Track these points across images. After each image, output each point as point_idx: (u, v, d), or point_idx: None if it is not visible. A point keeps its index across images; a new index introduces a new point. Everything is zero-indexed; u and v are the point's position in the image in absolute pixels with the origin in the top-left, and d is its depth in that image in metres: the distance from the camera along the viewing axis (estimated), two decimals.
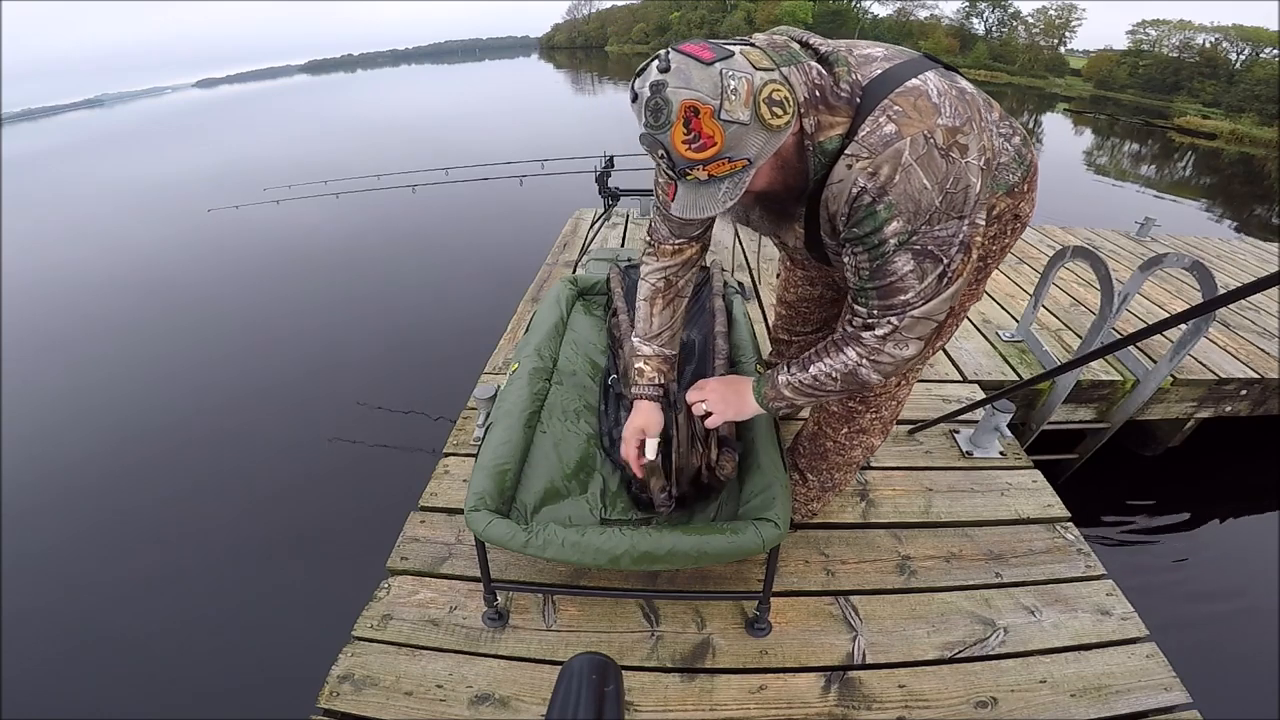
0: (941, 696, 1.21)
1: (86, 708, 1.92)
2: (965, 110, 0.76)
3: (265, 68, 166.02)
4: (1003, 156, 0.91)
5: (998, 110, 0.92)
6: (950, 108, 0.75)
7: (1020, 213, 1.00)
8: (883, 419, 1.33)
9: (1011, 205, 0.97)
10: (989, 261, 1.06)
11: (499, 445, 1.28)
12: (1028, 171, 0.96)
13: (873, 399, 1.28)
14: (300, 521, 2.66)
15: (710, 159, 0.71)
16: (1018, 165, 0.93)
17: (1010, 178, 0.92)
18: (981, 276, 1.08)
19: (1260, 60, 28.81)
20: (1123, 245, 3.96)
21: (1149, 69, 33.07)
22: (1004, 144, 0.91)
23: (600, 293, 2.04)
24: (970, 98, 0.80)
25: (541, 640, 1.31)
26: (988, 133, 0.81)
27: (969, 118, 0.76)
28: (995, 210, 0.96)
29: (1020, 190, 0.97)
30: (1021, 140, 0.94)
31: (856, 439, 1.36)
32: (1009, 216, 0.99)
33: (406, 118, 18.30)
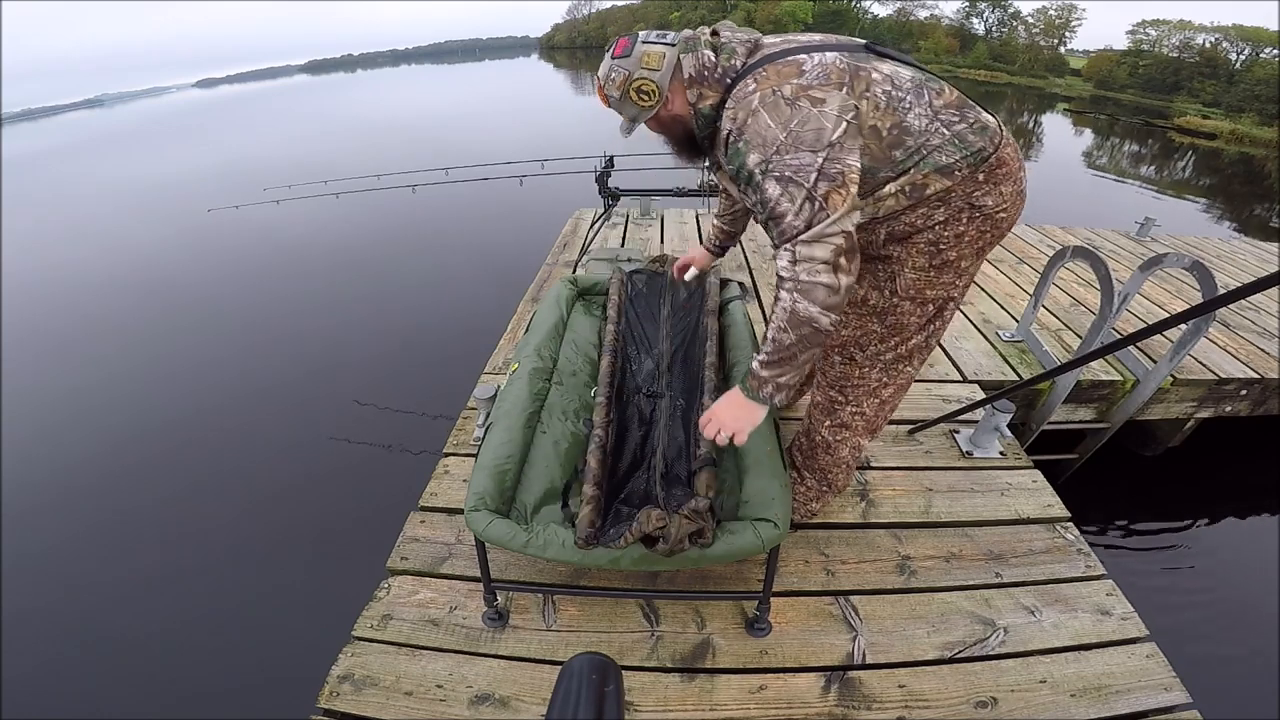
0: (941, 696, 1.21)
1: (87, 708, 1.92)
2: (838, 77, 0.95)
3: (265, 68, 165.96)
4: (933, 139, 0.98)
5: (946, 99, 0.99)
6: (817, 74, 0.95)
7: (977, 202, 1.03)
8: (864, 415, 1.34)
9: (957, 189, 1.01)
10: (942, 249, 1.07)
11: (499, 445, 1.28)
12: (977, 160, 0.99)
13: (849, 389, 1.30)
14: (300, 521, 2.66)
15: (610, 108, 1.10)
16: (956, 149, 0.98)
17: (943, 159, 0.98)
18: (938, 263, 1.08)
19: (1260, 60, 28.77)
20: (1123, 245, 3.96)
21: (1149, 69, 33.03)
22: (939, 127, 0.98)
23: (600, 293, 2.04)
24: (862, 72, 0.96)
25: (541, 640, 1.31)
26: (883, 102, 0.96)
27: (838, 83, 0.94)
28: (929, 189, 1.00)
29: (964, 175, 1.00)
30: (971, 129, 0.99)
31: (840, 435, 1.38)
32: (961, 203, 1.02)
33: (406, 118, 18.28)
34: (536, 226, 5.24)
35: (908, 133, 0.97)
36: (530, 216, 6.11)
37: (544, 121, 15.33)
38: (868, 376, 1.27)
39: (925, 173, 0.99)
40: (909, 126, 0.97)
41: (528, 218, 6.18)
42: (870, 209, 1.04)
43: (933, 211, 1.03)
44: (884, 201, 1.03)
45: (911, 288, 1.12)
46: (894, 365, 1.26)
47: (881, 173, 1.00)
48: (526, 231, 5.69)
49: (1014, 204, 1.06)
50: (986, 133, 0.99)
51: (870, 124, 0.96)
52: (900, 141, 0.98)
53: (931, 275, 1.10)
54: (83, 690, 1.98)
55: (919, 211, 1.04)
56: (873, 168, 0.99)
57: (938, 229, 1.05)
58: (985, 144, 0.99)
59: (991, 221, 1.05)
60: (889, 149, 0.98)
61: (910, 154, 0.98)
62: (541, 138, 11.52)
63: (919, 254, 1.06)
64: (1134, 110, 26.49)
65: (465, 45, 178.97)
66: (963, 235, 1.05)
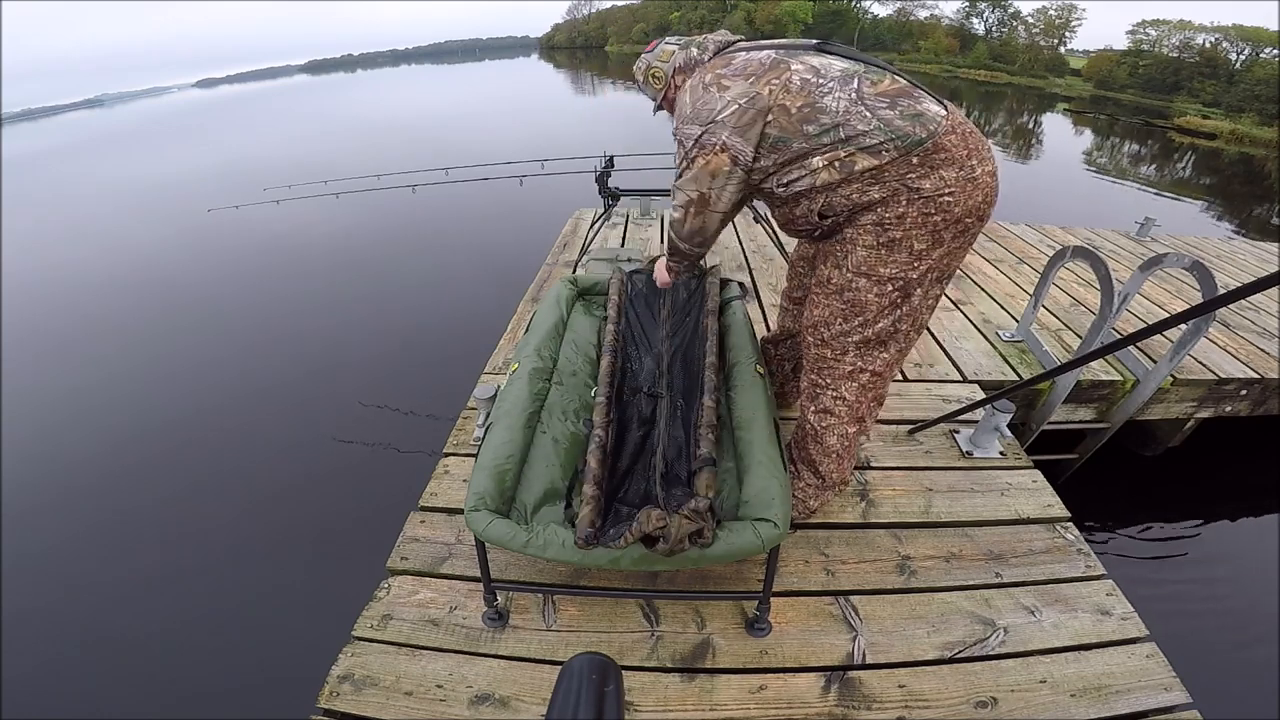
0: (941, 696, 1.21)
1: (87, 708, 1.92)
2: (754, 70, 1.13)
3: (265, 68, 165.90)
4: (854, 120, 1.08)
5: (882, 89, 1.10)
6: (737, 67, 1.15)
7: (914, 185, 1.10)
8: (846, 401, 1.37)
9: (889, 170, 1.09)
10: (887, 228, 1.14)
11: (499, 445, 1.28)
12: (906, 144, 1.07)
13: (825, 373, 1.36)
14: (300, 521, 2.66)
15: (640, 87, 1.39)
16: (881, 133, 1.08)
17: (867, 140, 1.09)
18: (884, 241, 1.15)
19: (1260, 60, 28.76)
20: (1123, 245, 3.96)
21: (1149, 69, 33.03)
22: (863, 111, 1.08)
23: (600, 293, 2.04)
24: (783, 65, 1.12)
25: (541, 640, 1.31)
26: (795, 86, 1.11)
27: (748, 74, 1.13)
28: (858, 165, 1.10)
29: (892, 157, 1.08)
30: (900, 116, 1.07)
31: (825, 422, 1.41)
32: (895, 184, 1.10)
33: (406, 118, 18.29)
34: (536, 226, 5.25)
35: (822, 111, 1.10)
36: (530, 216, 6.11)
37: (544, 121, 15.35)
38: (841, 359, 1.32)
39: (850, 151, 1.10)
40: (823, 106, 1.10)
41: (528, 218, 6.18)
42: (807, 178, 1.15)
43: (867, 188, 1.12)
44: (818, 173, 1.14)
45: (864, 264, 1.19)
46: (866, 349, 1.29)
47: (795, 142, 1.13)
48: (526, 231, 5.69)
49: (962, 190, 1.10)
50: (920, 120, 1.07)
51: (779, 103, 1.11)
52: (812, 118, 1.10)
53: (882, 253, 1.17)
54: (83, 690, 1.98)
55: (854, 186, 1.13)
56: (783, 137, 1.13)
57: (879, 210, 1.14)
58: (917, 130, 1.07)
59: (934, 204, 1.11)
60: (800, 123, 1.11)
61: (826, 130, 1.10)
62: (541, 138, 11.54)
63: (867, 233, 1.16)
64: (1134, 110, 26.49)
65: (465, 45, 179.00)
66: (904, 216, 1.12)
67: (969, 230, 1.16)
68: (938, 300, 1.28)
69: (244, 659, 2.06)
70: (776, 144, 1.14)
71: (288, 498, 2.79)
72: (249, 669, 2.02)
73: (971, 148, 1.10)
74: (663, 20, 62.75)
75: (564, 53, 71.12)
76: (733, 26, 52.03)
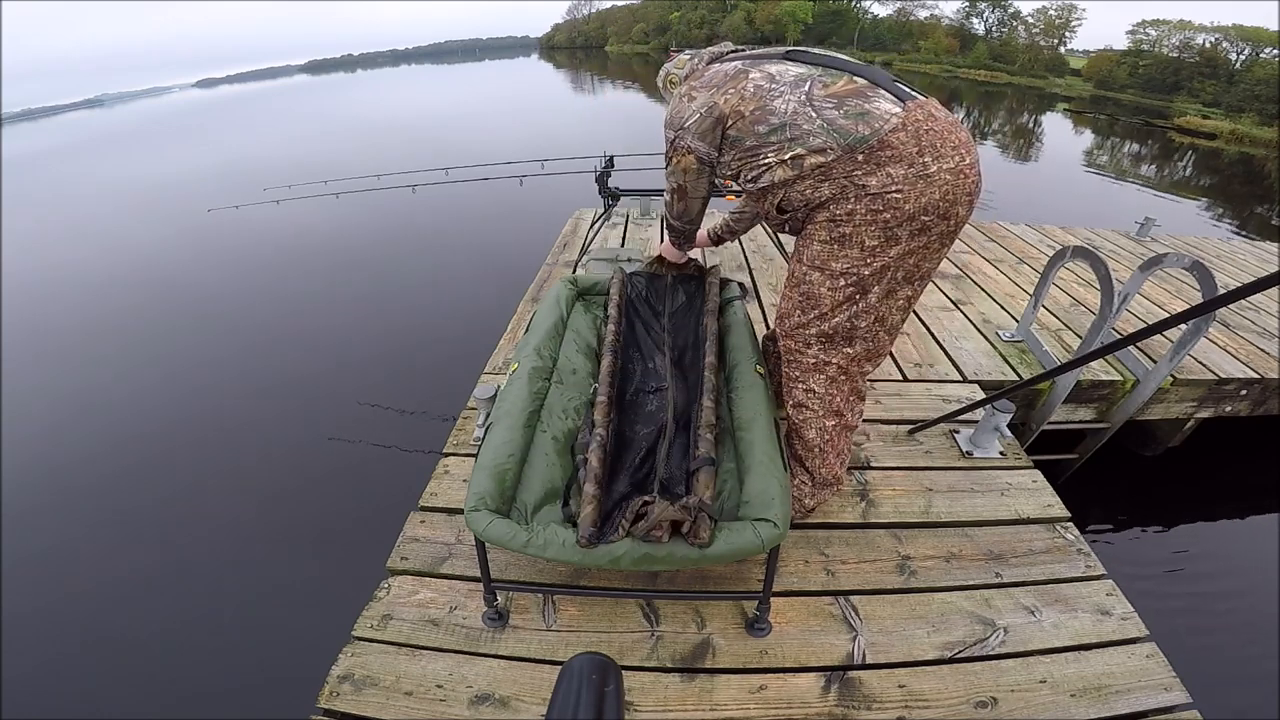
0: (941, 696, 1.21)
1: (87, 708, 1.92)
2: (719, 80, 1.25)
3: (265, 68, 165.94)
4: (801, 121, 1.16)
5: (831, 91, 1.16)
6: (706, 79, 1.28)
7: (860, 182, 1.14)
8: (815, 393, 1.40)
9: (835, 167, 1.14)
10: (838, 224, 1.19)
11: (499, 445, 1.28)
12: (850, 142, 1.12)
13: (795, 366, 1.42)
14: (300, 521, 2.66)
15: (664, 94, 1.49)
16: (824, 132, 1.14)
17: (813, 140, 1.15)
18: (836, 236, 1.20)
19: (1260, 60, 28.76)
20: (1123, 245, 3.96)
21: (1149, 69, 33.02)
22: (809, 112, 1.15)
23: (600, 293, 2.04)
24: (743, 75, 1.23)
25: (541, 640, 1.31)
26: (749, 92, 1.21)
27: (716, 85, 1.25)
28: (807, 163, 1.16)
29: (837, 155, 1.13)
30: (844, 116, 1.13)
31: (802, 415, 1.45)
32: (843, 181, 1.15)
33: (406, 118, 18.29)
34: (536, 226, 5.25)
35: (771, 113, 1.18)
36: (530, 216, 6.11)
37: (544, 121, 15.35)
38: (805, 351, 1.38)
39: (799, 149, 1.16)
40: (772, 109, 1.18)
41: (528, 218, 6.18)
42: (767, 175, 1.23)
43: (818, 185, 1.18)
44: (774, 170, 1.21)
45: (816, 258, 1.26)
46: (828, 344, 1.34)
47: (748, 141, 1.22)
48: (526, 231, 5.70)
49: (911, 186, 1.11)
50: (865, 118, 1.12)
51: (734, 108, 1.22)
52: (762, 119, 1.19)
53: (834, 248, 1.22)
54: (83, 690, 1.98)
55: (806, 183, 1.19)
56: (739, 136, 1.23)
57: (830, 206, 1.19)
58: (859, 129, 1.12)
59: (882, 201, 1.13)
60: (751, 124, 1.21)
61: (775, 130, 1.18)
62: (541, 138, 11.54)
63: (821, 228, 1.23)
64: (1134, 110, 26.49)
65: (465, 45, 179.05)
66: (853, 212, 1.16)
67: (929, 229, 1.15)
68: (910, 301, 1.30)
69: (244, 659, 2.06)
70: (734, 142, 1.26)
71: (287, 498, 2.79)
72: (249, 669, 2.02)
73: (925, 144, 1.10)
74: (663, 20, 62.68)
75: (564, 53, 71.11)
76: (732, 27, 52.18)
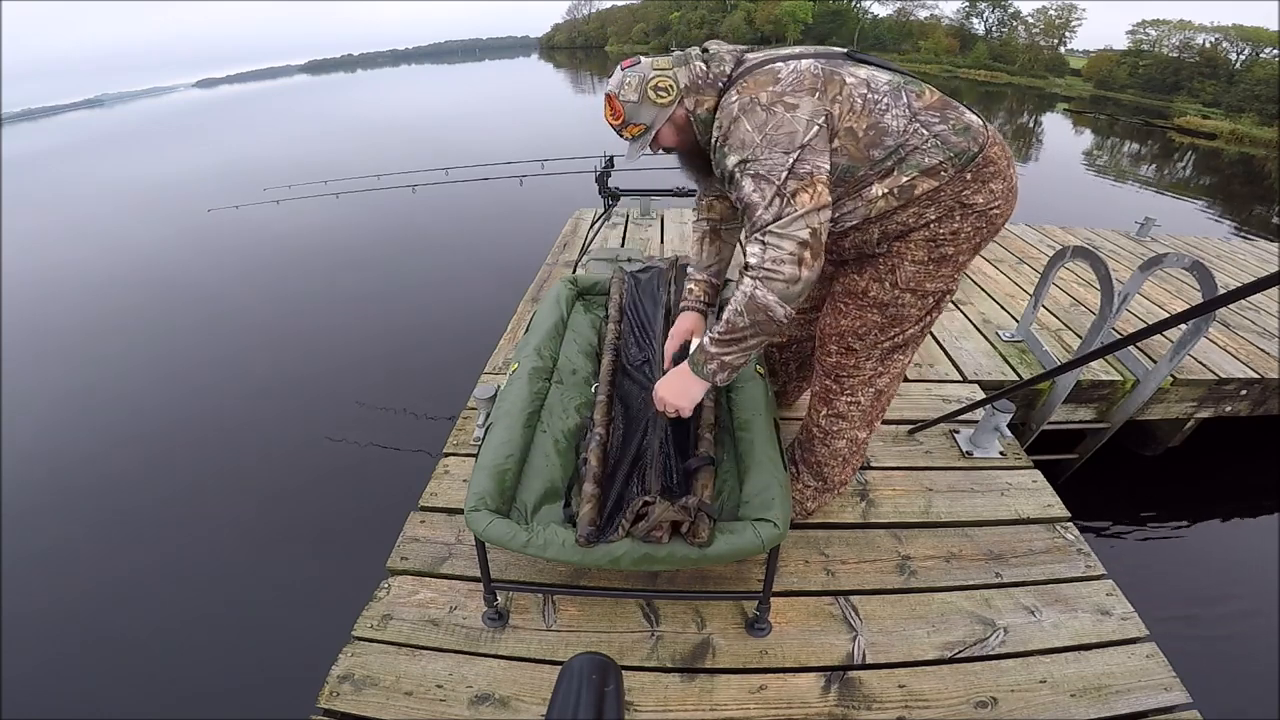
0: (941, 696, 1.21)
1: (87, 708, 1.92)
2: (810, 83, 1.01)
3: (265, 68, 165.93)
4: (913, 139, 1.03)
5: (927, 102, 1.05)
6: (791, 80, 1.01)
7: (967, 201, 1.06)
8: (860, 406, 1.36)
9: (946, 190, 1.05)
10: (940, 244, 1.10)
11: (499, 445, 1.28)
12: (962, 160, 1.03)
13: (845, 379, 1.33)
14: (300, 521, 2.66)
15: (621, 124, 1.12)
16: (939, 151, 1.03)
17: (926, 160, 1.03)
18: (936, 257, 1.12)
19: (1260, 60, 28.74)
20: (1123, 245, 3.96)
21: (1149, 69, 33.00)
22: (919, 129, 1.03)
23: (600, 293, 2.04)
24: (836, 77, 1.02)
25: (541, 640, 1.31)
26: (858, 104, 1.02)
27: (811, 88, 1.00)
28: (918, 190, 1.05)
29: (950, 175, 1.04)
30: (953, 130, 1.03)
31: (837, 425, 1.40)
32: (951, 202, 1.06)
33: (406, 118, 18.28)
34: (536, 226, 5.24)
35: (885, 133, 1.02)
36: (530, 216, 6.11)
37: (544, 121, 15.34)
38: (863, 366, 1.30)
39: (911, 175, 1.04)
40: (886, 127, 1.02)
41: (528, 218, 6.18)
42: (862, 209, 1.09)
43: (924, 210, 1.07)
44: (874, 204, 1.08)
45: (912, 280, 1.15)
46: (890, 355, 1.29)
47: (861, 170, 1.05)
48: (526, 231, 5.69)
49: (1006, 200, 1.09)
50: (970, 133, 1.03)
51: (846, 126, 1.02)
52: (878, 141, 1.03)
53: (931, 269, 1.14)
54: (83, 690, 1.98)
55: (910, 211, 1.08)
56: (852, 166, 1.05)
57: (933, 226, 1.09)
58: (969, 144, 1.03)
59: (985, 218, 1.09)
60: (866, 148, 1.03)
61: (890, 153, 1.03)
62: (541, 138, 11.53)
63: (917, 248, 1.11)
64: (1134, 110, 26.48)
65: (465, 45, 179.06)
66: (959, 232, 1.09)
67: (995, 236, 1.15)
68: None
69: (244, 659, 2.06)
70: (844, 175, 1.04)
71: (287, 498, 2.79)
72: (249, 669, 2.02)
73: (1009, 156, 1.08)
74: (662, 20, 62.69)
75: (564, 53, 71.09)
76: (732, 27, 52.13)
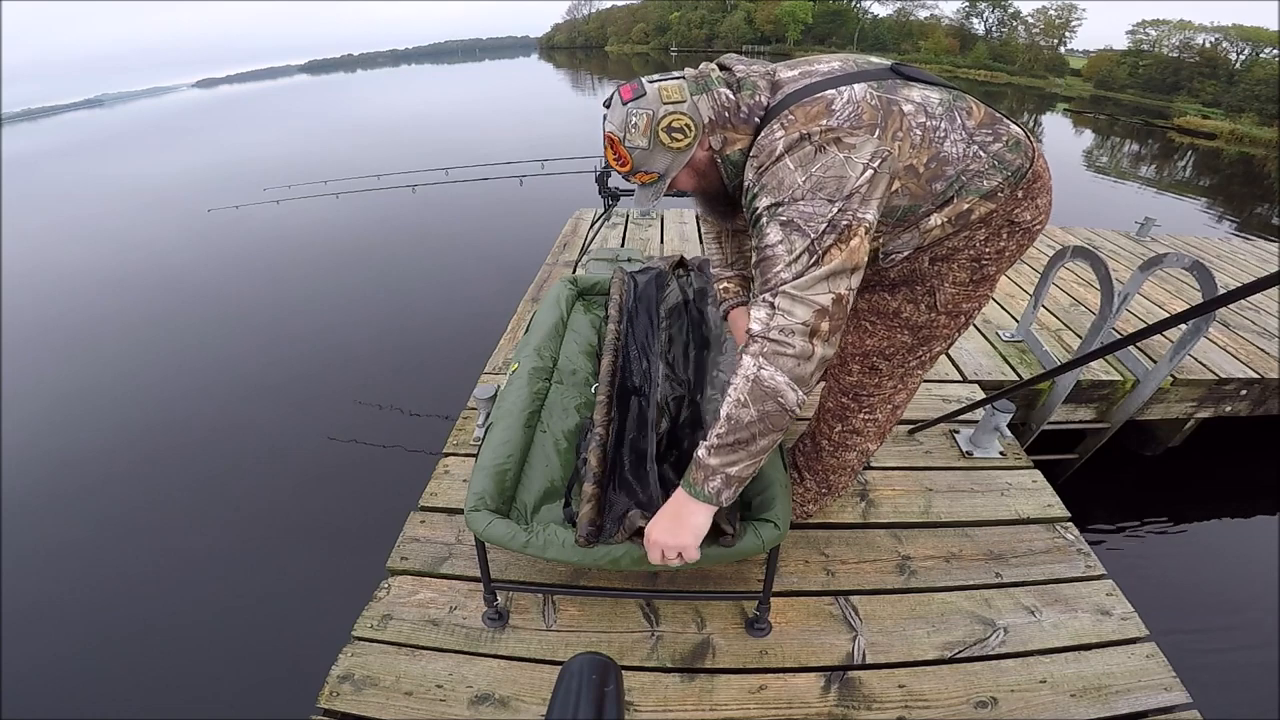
0: (941, 696, 1.21)
1: (88, 708, 1.92)
2: (870, 117, 0.86)
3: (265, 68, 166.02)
4: (972, 164, 0.93)
5: (978, 118, 0.94)
6: (848, 114, 0.86)
7: (1016, 219, 1.00)
8: (876, 421, 1.33)
9: (999, 211, 0.98)
10: (984, 264, 1.05)
11: (499, 445, 1.28)
12: (1017, 178, 0.96)
13: (865, 397, 1.28)
14: (300, 521, 2.66)
15: (629, 172, 0.96)
16: (997, 171, 0.95)
17: (985, 184, 0.95)
18: (978, 278, 1.07)
19: (1260, 60, 28.78)
20: (1123, 245, 3.96)
21: (1149, 69, 33.04)
22: (977, 151, 0.93)
23: (600, 293, 2.04)
24: (895, 108, 0.88)
25: (541, 640, 1.31)
26: (918, 137, 0.89)
27: (871, 123, 0.86)
28: (974, 215, 0.97)
29: (1006, 196, 0.97)
30: (1007, 147, 0.95)
31: (850, 440, 1.37)
32: (1001, 221, 1.00)
33: (406, 118, 18.30)
34: (536, 226, 5.25)
35: (946, 163, 0.92)
36: (530, 216, 6.11)
37: (544, 121, 15.34)
38: (884, 385, 1.25)
39: (970, 200, 0.96)
40: (947, 156, 0.92)
41: (528, 218, 6.19)
42: (916, 240, 1.01)
43: (974, 233, 1.01)
44: (930, 233, 1.00)
45: (950, 302, 1.10)
46: (913, 372, 1.25)
47: (924, 207, 0.96)
48: (526, 231, 5.70)
49: (1047, 214, 1.05)
50: (1021, 148, 0.96)
51: (907, 164, 0.90)
52: (940, 174, 0.93)
53: (970, 289, 1.08)
54: (82, 691, 1.98)
55: (962, 235, 1.01)
56: (913, 205, 0.95)
57: (979, 246, 1.03)
58: (1022, 160, 0.96)
59: (1029, 234, 1.04)
60: (929, 183, 0.93)
61: (951, 184, 0.94)
62: (541, 138, 11.53)
63: (961, 269, 1.05)
64: (1134, 110, 26.50)
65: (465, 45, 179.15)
66: (1004, 250, 1.04)
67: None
68: None
69: (243, 659, 2.06)
70: (905, 215, 0.95)
71: (287, 497, 2.79)
72: (248, 669, 2.02)
73: (1048, 166, 1.03)
74: (662, 20, 62.68)
75: (564, 53, 71.13)
76: (732, 27, 52.14)
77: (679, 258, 2.03)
